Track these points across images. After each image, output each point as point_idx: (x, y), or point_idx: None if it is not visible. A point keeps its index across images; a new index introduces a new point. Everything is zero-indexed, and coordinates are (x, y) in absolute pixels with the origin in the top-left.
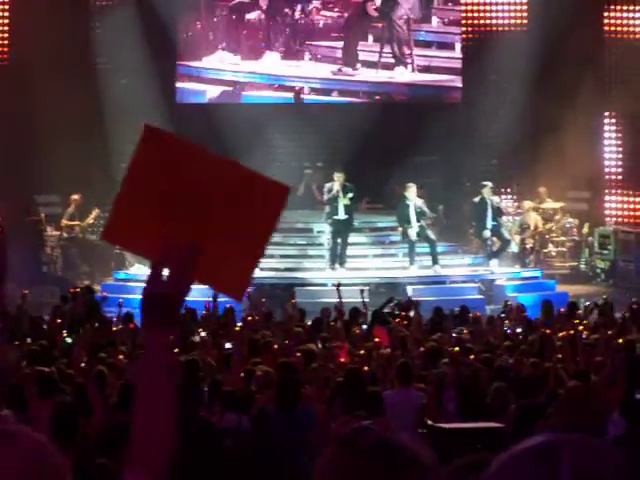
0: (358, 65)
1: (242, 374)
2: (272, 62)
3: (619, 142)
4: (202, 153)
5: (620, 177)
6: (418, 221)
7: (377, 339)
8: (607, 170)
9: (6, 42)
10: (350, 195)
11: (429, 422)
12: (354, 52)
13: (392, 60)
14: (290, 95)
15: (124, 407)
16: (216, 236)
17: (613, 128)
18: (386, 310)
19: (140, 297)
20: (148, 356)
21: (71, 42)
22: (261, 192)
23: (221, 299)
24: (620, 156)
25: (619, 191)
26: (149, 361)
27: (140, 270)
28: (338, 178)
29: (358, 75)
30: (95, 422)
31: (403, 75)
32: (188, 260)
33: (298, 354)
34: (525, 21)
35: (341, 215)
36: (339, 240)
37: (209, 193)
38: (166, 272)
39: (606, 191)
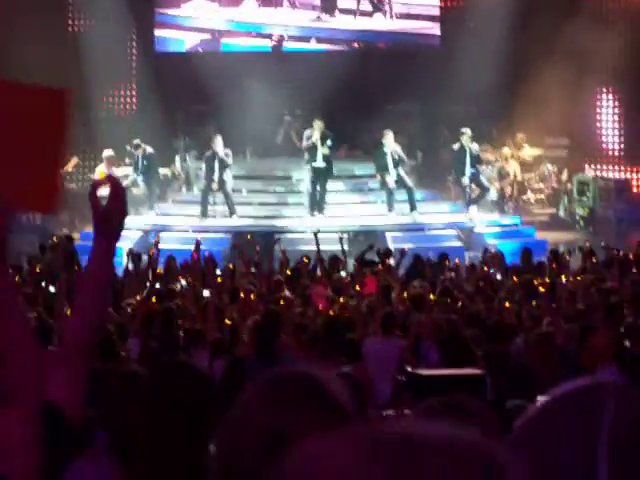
0: (336, 12)
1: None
2: (250, 9)
3: (604, 91)
4: None
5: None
6: (396, 168)
7: (364, 287)
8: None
9: None
10: (329, 143)
11: (408, 369)
12: None
13: (370, 7)
14: (268, 43)
15: (103, 357)
16: (12, 159)
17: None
18: (367, 257)
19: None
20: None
21: None
22: (43, 102)
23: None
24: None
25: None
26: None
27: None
28: (317, 126)
29: (336, 22)
30: None
31: (381, 22)
32: None
33: (281, 302)
34: None
35: (319, 163)
36: (318, 187)
37: None
38: None
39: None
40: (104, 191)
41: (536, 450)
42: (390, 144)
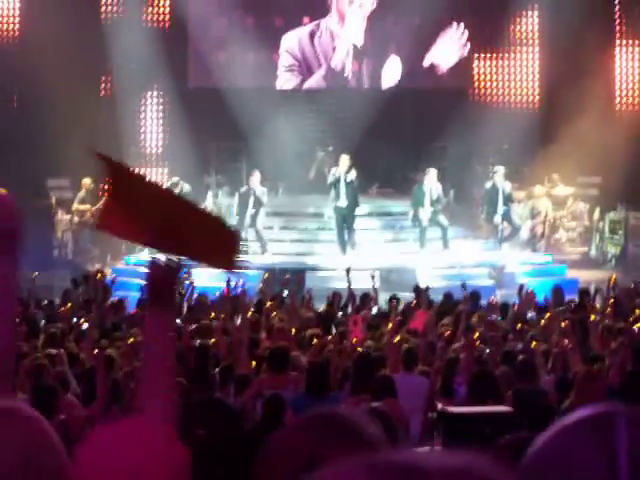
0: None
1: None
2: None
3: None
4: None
5: None
6: (432, 206)
7: (412, 322)
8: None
9: (18, 25)
10: (352, 178)
11: (439, 406)
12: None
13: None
14: (300, 80)
15: (115, 400)
16: (192, 230)
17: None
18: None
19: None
20: (148, 334)
21: (83, 26)
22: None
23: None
24: None
25: None
26: (149, 338)
27: (151, 255)
28: (343, 161)
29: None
30: (94, 409)
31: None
32: (173, 245)
33: (314, 339)
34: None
35: (342, 201)
36: (345, 225)
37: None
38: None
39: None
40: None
41: (549, 476)
42: (430, 182)
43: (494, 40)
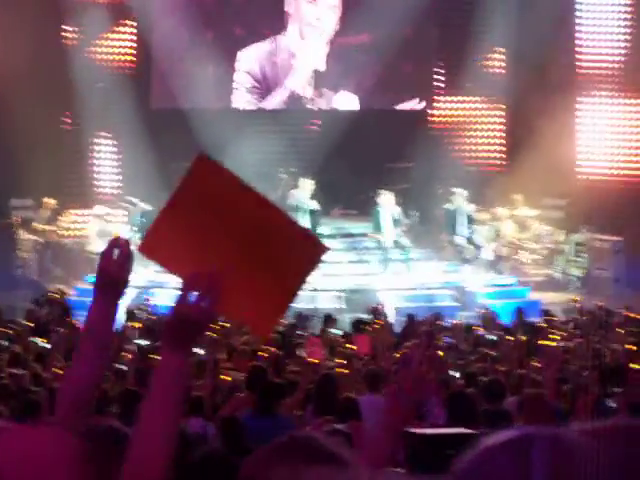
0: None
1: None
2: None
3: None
4: (250, 192)
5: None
6: (393, 228)
7: (356, 347)
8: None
9: None
10: (314, 205)
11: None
12: None
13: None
14: (260, 101)
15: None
16: (248, 272)
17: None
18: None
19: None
20: (159, 375)
21: (46, 49)
22: (299, 244)
23: None
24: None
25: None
26: (158, 380)
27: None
28: (304, 185)
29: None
30: None
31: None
32: (217, 286)
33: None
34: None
35: (304, 224)
36: None
37: (249, 231)
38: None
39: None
40: (102, 249)
41: None
42: (386, 204)
43: (458, 73)
